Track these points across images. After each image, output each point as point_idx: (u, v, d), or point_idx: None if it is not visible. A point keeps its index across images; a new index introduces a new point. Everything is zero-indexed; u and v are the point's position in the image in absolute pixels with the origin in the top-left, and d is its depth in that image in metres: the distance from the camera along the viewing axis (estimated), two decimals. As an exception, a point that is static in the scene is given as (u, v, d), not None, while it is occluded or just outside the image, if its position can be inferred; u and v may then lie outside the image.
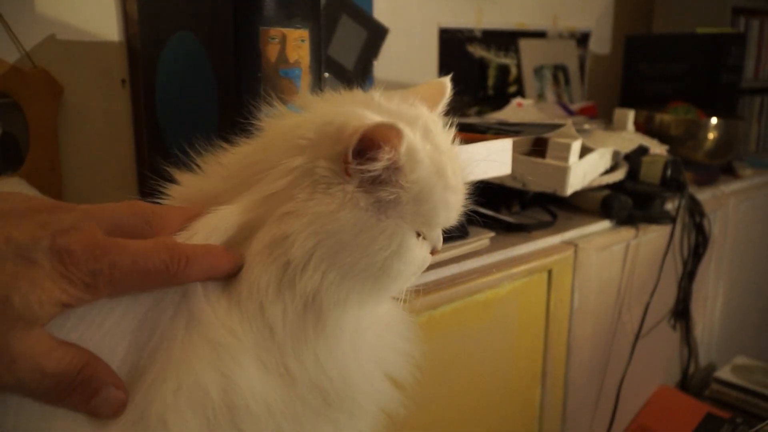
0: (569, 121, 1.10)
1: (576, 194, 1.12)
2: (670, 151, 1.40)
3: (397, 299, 0.48)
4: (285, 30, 0.65)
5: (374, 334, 0.45)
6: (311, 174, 0.39)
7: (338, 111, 0.41)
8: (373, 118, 0.38)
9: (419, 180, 0.40)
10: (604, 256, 1.12)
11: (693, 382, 1.51)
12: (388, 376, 0.46)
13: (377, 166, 0.38)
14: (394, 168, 0.39)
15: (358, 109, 0.41)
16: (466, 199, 0.46)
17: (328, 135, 0.39)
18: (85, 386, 0.33)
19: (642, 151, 1.29)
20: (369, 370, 0.44)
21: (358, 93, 0.46)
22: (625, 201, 1.14)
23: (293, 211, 0.39)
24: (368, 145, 0.38)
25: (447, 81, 0.50)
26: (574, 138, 1.06)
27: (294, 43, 0.66)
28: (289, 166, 0.39)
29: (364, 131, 0.37)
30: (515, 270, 0.94)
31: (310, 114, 0.43)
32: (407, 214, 0.41)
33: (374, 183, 0.39)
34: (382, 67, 1.38)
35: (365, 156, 0.38)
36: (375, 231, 0.39)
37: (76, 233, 0.33)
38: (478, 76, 1.68)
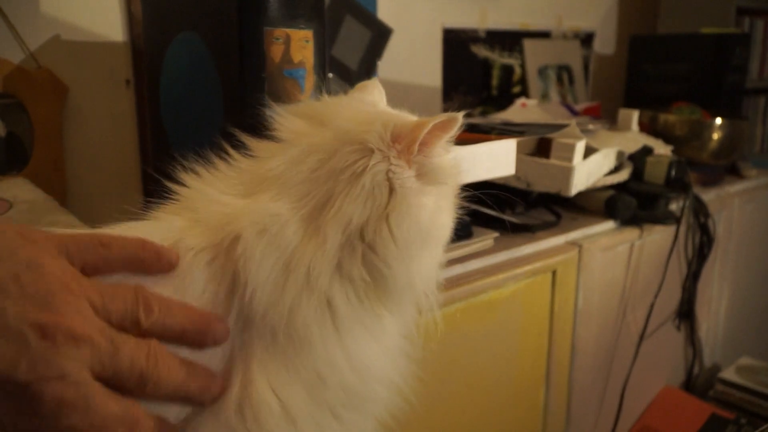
0: (573, 122, 1.10)
1: (580, 194, 1.12)
2: (674, 152, 1.39)
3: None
4: (289, 30, 0.65)
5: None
6: (385, 172, 0.42)
7: (383, 115, 0.45)
8: (411, 116, 0.46)
9: (454, 162, 0.46)
10: (608, 256, 1.11)
11: (697, 382, 1.51)
12: (399, 376, 0.47)
13: (438, 153, 0.44)
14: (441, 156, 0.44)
15: (392, 111, 0.46)
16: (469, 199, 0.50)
17: (388, 135, 0.42)
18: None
19: (646, 151, 1.28)
20: (389, 369, 0.46)
21: (352, 99, 0.50)
22: (630, 201, 1.14)
23: (375, 206, 0.41)
24: (429, 137, 0.43)
25: (377, 81, 0.53)
26: (579, 138, 1.06)
27: (298, 44, 0.66)
28: (357, 168, 0.42)
29: (434, 124, 0.42)
30: (519, 270, 0.93)
31: (350, 118, 0.45)
32: (450, 196, 0.46)
33: (427, 172, 0.43)
34: (386, 67, 1.38)
35: (425, 146, 0.43)
36: (444, 214, 0.45)
37: (65, 385, 0.30)
38: (482, 77, 1.68)
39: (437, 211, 0.43)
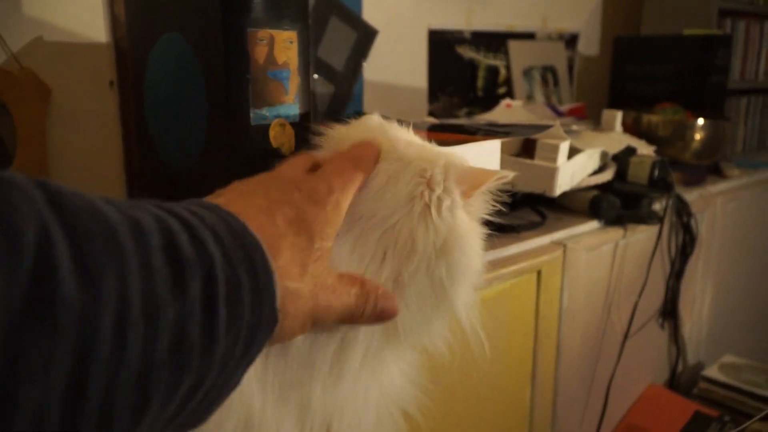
0: (558, 122, 1.11)
1: (565, 195, 1.12)
2: (657, 152, 1.41)
3: None
4: (273, 32, 0.65)
5: None
6: (449, 208, 0.46)
7: (444, 153, 0.49)
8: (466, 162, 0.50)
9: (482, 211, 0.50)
10: (592, 256, 1.12)
11: (681, 380, 1.52)
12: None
13: (481, 200, 0.49)
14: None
15: (447, 150, 0.50)
16: None
17: (452, 175, 0.47)
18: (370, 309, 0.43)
19: (630, 151, 1.29)
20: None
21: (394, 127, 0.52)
22: (614, 201, 1.15)
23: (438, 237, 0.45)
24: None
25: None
26: (563, 139, 1.07)
27: (282, 45, 0.66)
28: (423, 200, 0.45)
29: (497, 177, 0.48)
30: (504, 270, 0.94)
31: (409, 148, 0.48)
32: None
33: (470, 214, 0.48)
34: (371, 68, 1.38)
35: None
36: (480, 253, 0.49)
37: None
38: (467, 78, 1.69)
39: (478, 248, 0.48)
